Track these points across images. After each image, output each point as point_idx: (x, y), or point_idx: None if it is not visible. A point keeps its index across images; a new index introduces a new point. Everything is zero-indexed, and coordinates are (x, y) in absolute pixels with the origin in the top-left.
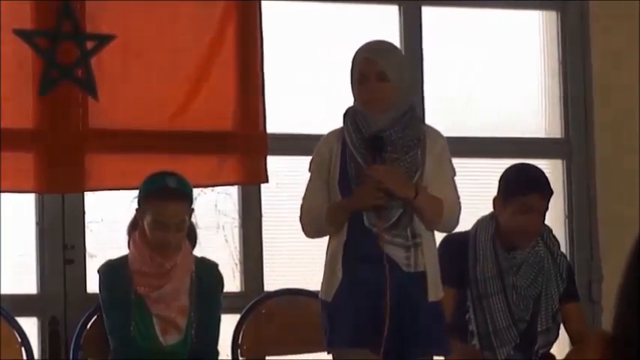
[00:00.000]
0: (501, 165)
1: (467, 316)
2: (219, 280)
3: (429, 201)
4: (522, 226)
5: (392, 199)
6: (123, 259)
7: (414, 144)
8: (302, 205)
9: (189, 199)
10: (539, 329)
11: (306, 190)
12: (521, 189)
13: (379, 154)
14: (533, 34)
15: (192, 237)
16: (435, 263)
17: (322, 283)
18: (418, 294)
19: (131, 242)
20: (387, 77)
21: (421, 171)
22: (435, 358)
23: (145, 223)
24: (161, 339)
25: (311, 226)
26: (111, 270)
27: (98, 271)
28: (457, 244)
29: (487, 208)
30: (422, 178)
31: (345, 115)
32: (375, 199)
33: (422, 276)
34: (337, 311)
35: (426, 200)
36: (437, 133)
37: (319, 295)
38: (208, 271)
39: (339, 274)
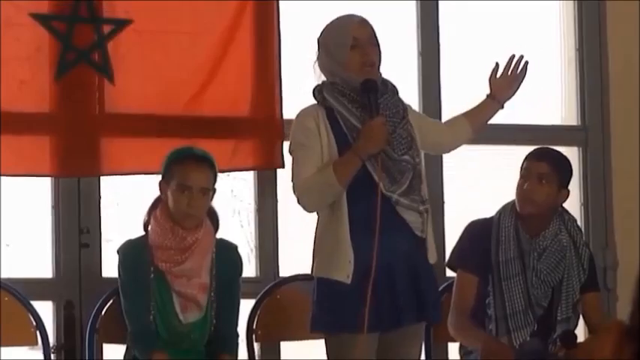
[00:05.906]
0: (518, 152)
1: (487, 301)
2: (239, 261)
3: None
4: (521, 190)
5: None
6: (142, 238)
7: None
8: (299, 180)
9: (213, 170)
10: (558, 318)
11: (299, 164)
12: (526, 157)
13: (374, 95)
14: (550, 22)
15: (213, 219)
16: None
17: (323, 262)
18: (422, 259)
19: (152, 219)
20: (377, 41)
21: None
22: None
23: (169, 192)
24: (181, 316)
25: (316, 196)
26: (130, 249)
27: (118, 251)
28: (481, 229)
29: (503, 194)
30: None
31: (320, 92)
32: (384, 140)
33: (423, 241)
34: (357, 294)
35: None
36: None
37: (319, 274)
38: (229, 252)
39: (350, 252)
